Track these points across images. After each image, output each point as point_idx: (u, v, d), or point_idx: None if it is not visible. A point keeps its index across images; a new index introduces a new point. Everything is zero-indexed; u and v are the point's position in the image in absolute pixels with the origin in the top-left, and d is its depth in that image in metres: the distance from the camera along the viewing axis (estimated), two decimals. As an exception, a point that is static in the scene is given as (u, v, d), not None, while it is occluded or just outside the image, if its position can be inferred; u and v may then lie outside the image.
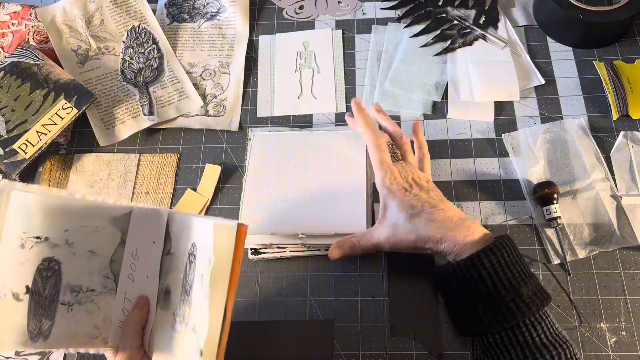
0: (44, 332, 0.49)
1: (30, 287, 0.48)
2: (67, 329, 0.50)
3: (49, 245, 0.49)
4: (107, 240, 0.54)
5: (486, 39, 0.84)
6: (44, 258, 0.49)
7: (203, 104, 0.83)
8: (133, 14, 0.89)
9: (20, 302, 0.47)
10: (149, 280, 0.55)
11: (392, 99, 0.81)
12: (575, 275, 0.68)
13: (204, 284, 0.48)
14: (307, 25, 0.90)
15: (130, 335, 0.53)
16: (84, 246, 0.52)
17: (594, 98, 0.79)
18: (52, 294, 0.49)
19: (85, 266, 0.52)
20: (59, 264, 0.50)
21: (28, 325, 0.48)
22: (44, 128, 0.77)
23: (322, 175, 0.73)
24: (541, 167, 0.74)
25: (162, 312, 0.53)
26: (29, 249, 0.48)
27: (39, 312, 0.48)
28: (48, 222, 0.49)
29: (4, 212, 0.48)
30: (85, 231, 0.52)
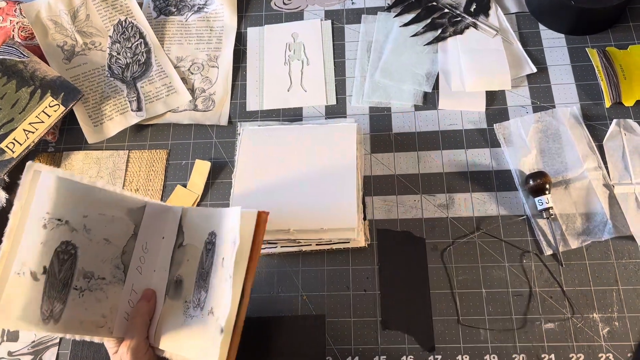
0: (55, 315, 0.49)
1: (47, 268, 0.49)
2: (77, 315, 0.51)
3: (68, 228, 0.51)
4: (121, 230, 0.55)
5: (477, 27, 0.83)
6: (62, 241, 0.50)
7: (192, 98, 0.83)
8: (119, 8, 0.88)
9: (37, 282, 0.48)
10: (157, 273, 0.57)
11: (383, 90, 0.80)
12: (567, 265, 0.68)
13: (225, 266, 0.50)
14: (296, 16, 0.89)
15: (138, 326, 0.54)
16: (100, 234, 0.53)
17: (587, 86, 0.78)
18: (66, 277, 0.51)
19: (99, 253, 0.54)
20: (75, 248, 0.51)
21: (42, 307, 0.49)
22: (31, 126, 0.76)
23: (312, 169, 0.72)
24: (533, 156, 0.73)
25: (171, 302, 0.55)
26: (50, 230, 0.49)
27: (53, 294, 0.49)
28: (70, 206, 0.51)
29: (33, 191, 0.49)
30: (102, 219, 0.53)
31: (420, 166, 0.75)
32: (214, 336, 0.49)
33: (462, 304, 0.67)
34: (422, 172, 0.75)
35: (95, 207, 0.53)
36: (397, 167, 0.76)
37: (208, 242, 0.54)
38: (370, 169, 0.76)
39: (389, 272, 0.70)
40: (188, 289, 0.54)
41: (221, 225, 0.54)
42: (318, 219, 0.68)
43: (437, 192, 0.73)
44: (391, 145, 0.77)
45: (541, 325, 0.65)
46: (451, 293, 0.68)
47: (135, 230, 0.57)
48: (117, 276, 0.55)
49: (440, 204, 0.73)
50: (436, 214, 0.72)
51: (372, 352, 0.66)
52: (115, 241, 0.55)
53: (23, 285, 0.48)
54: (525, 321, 0.66)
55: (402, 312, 0.67)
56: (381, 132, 0.78)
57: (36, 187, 0.50)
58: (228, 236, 0.52)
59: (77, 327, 0.51)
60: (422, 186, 0.74)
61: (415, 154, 0.76)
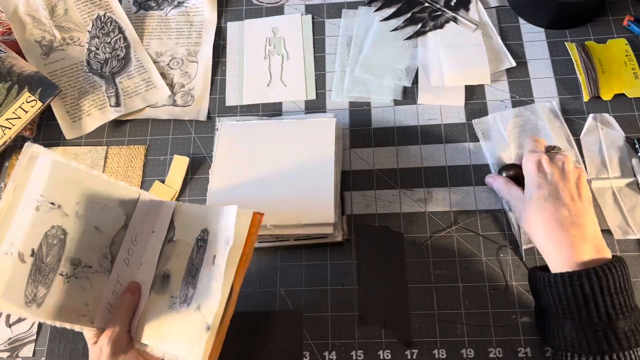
0: (38, 299, 0.49)
1: (35, 251, 0.49)
2: (60, 301, 0.51)
3: (60, 213, 0.50)
4: (112, 220, 0.55)
5: (457, 21, 0.83)
6: (53, 225, 0.50)
7: (171, 93, 0.82)
8: (98, 2, 0.87)
9: (23, 264, 0.48)
10: (143, 267, 0.57)
11: (363, 85, 0.80)
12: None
13: (217, 264, 0.51)
14: (276, 11, 0.88)
15: (121, 318, 0.53)
16: (91, 222, 0.53)
17: (566, 80, 0.78)
18: (53, 262, 0.50)
19: (88, 241, 0.53)
20: (65, 233, 0.51)
21: (26, 289, 0.48)
22: (8, 122, 0.76)
23: (290, 164, 0.71)
24: (511, 151, 0.73)
25: (156, 296, 0.55)
26: (42, 212, 0.49)
27: (38, 278, 0.49)
28: (64, 191, 0.51)
29: (29, 172, 0.49)
30: (95, 207, 0.53)
31: (399, 161, 0.75)
32: (199, 333, 0.49)
33: (440, 298, 0.67)
34: (401, 167, 0.75)
35: (88, 194, 0.53)
36: (376, 162, 0.75)
37: (200, 238, 0.54)
38: (349, 163, 0.76)
39: (367, 267, 0.70)
40: (175, 284, 0.54)
41: (214, 222, 0.54)
42: (296, 214, 0.68)
43: (415, 187, 0.73)
44: (370, 140, 0.77)
45: (517, 319, 0.65)
46: (429, 287, 0.68)
47: (126, 222, 0.57)
48: (103, 266, 0.55)
49: (419, 199, 0.73)
50: (414, 208, 0.72)
51: (350, 346, 0.66)
52: (106, 230, 0.55)
53: (9, 265, 0.47)
54: (502, 315, 0.66)
55: (380, 306, 0.67)
56: (361, 127, 0.78)
57: (32, 168, 0.49)
58: (221, 234, 0.52)
59: (58, 314, 0.51)
60: (400, 181, 0.74)
61: (394, 148, 0.76)
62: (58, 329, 0.69)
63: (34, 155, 0.50)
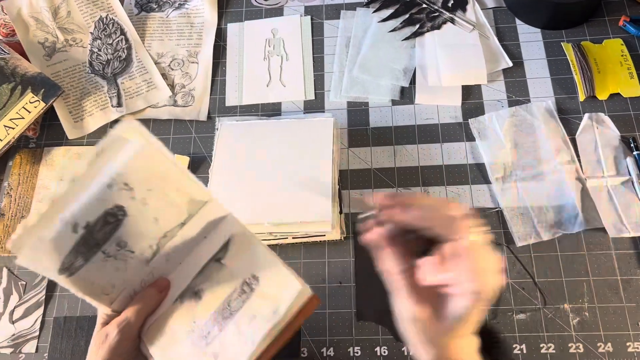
0: (72, 269, 0.48)
1: (89, 224, 0.47)
2: (91, 276, 0.49)
3: (129, 195, 0.48)
4: (174, 216, 0.53)
5: (454, 22, 0.84)
6: (117, 204, 0.48)
7: (171, 94, 0.83)
8: (100, 4, 0.88)
9: (73, 234, 0.46)
10: (181, 269, 0.55)
11: (361, 85, 0.81)
12: (539, 257, 0.69)
13: (254, 328, 0.48)
14: (276, 12, 0.89)
15: (138, 310, 0.51)
16: (153, 211, 0.51)
17: (562, 80, 0.79)
18: (102, 239, 0.49)
19: (143, 229, 0.51)
20: (125, 215, 0.49)
21: (65, 257, 0.47)
22: (11, 122, 0.77)
23: (289, 163, 0.73)
24: (507, 150, 0.74)
25: (180, 308, 0.53)
26: (113, 190, 0.47)
27: (81, 249, 0.47)
28: (142, 175, 0.49)
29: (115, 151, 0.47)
30: (163, 199, 0.51)
31: (396, 160, 0.76)
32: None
33: (436, 295, 0.68)
34: (398, 166, 0.76)
35: (162, 186, 0.50)
36: (373, 161, 0.76)
37: (247, 283, 0.51)
38: (347, 163, 0.77)
39: (364, 265, 0.71)
40: (203, 311, 0.52)
41: (269, 278, 0.51)
42: (294, 213, 0.69)
43: (412, 186, 0.74)
44: (368, 139, 0.78)
45: (513, 315, 0.66)
46: (425, 285, 0.69)
47: (185, 221, 0.54)
48: (145, 255, 0.53)
49: (416, 197, 0.73)
50: (411, 207, 0.73)
51: (347, 343, 0.67)
52: (163, 223, 0.52)
53: (61, 232, 0.46)
54: (498, 312, 0.67)
55: (377, 303, 0.68)
56: (358, 127, 0.79)
57: (120, 148, 0.47)
58: (271, 299, 0.50)
59: (85, 287, 0.49)
60: (397, 180, 0.75)
61: (391, 148, 0.77)
62: (61, 326, 0.70)
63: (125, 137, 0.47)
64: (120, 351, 0.50)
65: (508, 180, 0.72)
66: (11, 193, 0.79)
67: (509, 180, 0.72)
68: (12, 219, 0.77)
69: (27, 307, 0.72)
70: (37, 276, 0.73)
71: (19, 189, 0.79)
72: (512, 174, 0.73)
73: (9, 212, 0.77)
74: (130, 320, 0.51)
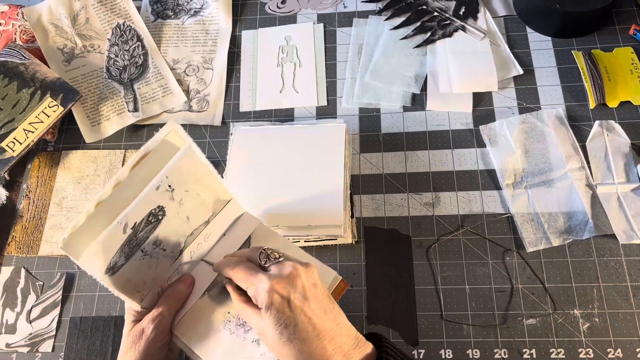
0: (115, 268, 0.49)
1: (136, 225, 0.49)
2: (129, 274, 0.51)
3: (170, 196, 0.51)
4: (202, 215, 0.55)
5: (466, 30, 0.85)
6: (159, 205, 0.50)
7: (186, 99, 0.85)
8: (118, 11, 0.90)
9: (123, 235, 0.48)
10: (205, 266, 0.57)
11: (373, 91, 0.82)
12: (549, 262, 0.69)
13: None
14: (289, 20, 0.91)
15: (170, 306, 0.53)
16: (187, 211, 0.53)
17: (572, 87, 0.80)
18: (143, 238, 0.51)
19: (176, 227, 0.53)
20: (164, 215, 0.51)
21: (112, 257, 0.48)
22: (31, 126, 0.79)
23: (301, 168, 0.74)
24: (517, 157, 0.75)
25: (210, 302, 0.55)
26: (159, 192, 0.49)
27: (125, 249, 0.49)
28: (182, 177, 0.51)
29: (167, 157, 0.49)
30: (196, 199, 0.53)
31: (407, 165, 0.77)
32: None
33: (446, 299, 0.69)
34: (410, 172, 0.77)
35: (197, 187, 0.53)
36: (385, 167, 0.77)
37: None
38: (358, 168, 0.78)
39: (375, 269, 0.71)
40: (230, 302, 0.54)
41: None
42: (306, 217, 0.70)
43: (423, 191, 0.75)
44: (379, 145, 0.79)
45: (523, 320, 0.67)
46: (435, 289, 0.69)
47: (209, 219, 0.57)
48: (174, 252, 0.55)
49: (427, 202, 0.74)
50: (422, 212, 0.74)
51: (358, 346, 0.67)
52: (193, 222, 0.55)
53: (115, 234, 0.47)
54: (508, 317, 0.67)
55: (387, 307, 0.69)
56: (370, 133, 0.80)
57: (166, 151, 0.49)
58: None
59: (122, 285, 0.51)
60: (409, 185, 0.76)
61: (402, 153, 0.78)
62: (77, 326, 0.72)
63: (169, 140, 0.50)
64: (156, 345, 0.52)
65: (519, 187, 0.73)
66: (30, 195, 0.80)
67: (520, 187, 0.73)
68: (31, 220, 0.79)
69: (44, 307, 0.73)
70: (53, 277, 0.75)
71: (38, 191, 0.81)
72: (523, 180, 0.73)
73: (27, 213, 0.79)
74: (164, 314, 0.52)
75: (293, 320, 0.45)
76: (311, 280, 0.48)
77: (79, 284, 0.75)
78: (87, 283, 0.75)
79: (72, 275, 0.75)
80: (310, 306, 0.46)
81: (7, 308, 0.74)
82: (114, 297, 0.73)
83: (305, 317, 0.46)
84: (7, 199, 0.81)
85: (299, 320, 0.45)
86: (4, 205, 0.80)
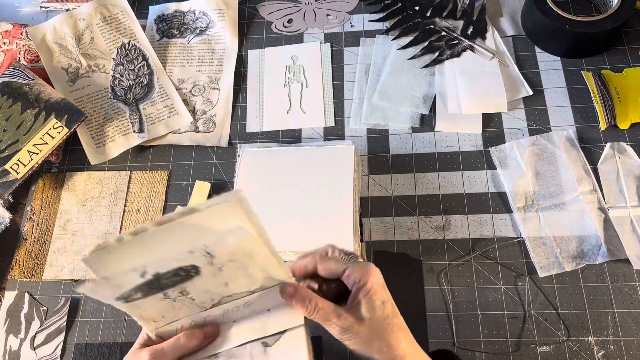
0: (129, 299, 0.47)
1: (158, 274, 0.45)
2: (145, 306, 0.49)
3: (207, 261, 0.46)
4: (245, 284, 0.50)
5: (474, 50, 0.84)
6: (192, 264, 0.46)
7: (193, 120, 0.84)
8: (123, 30, 0.90)
9: (141, 279, 0.45)
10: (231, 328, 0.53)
11: (380, 112, 0.82)
12: (562, 288, 0.68)
13: None
14: (296, 39, 0.90)
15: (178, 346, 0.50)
16: (227, 277, 0.49)
17: (582, 108, 0.79)
18: (166, 285, 0.47)
19: (210, 287, 0.50)
20: (197, 274, 0.47)
21: (126, 291, 0.46)
22: (35, 148, 0.78)
23: (310, 191, 0.73)
24: (528, 179, 0.74)
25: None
26: (192, 255, 0.44)
27: (144, 289, 0.46)
28: (228, 251, 0.45)
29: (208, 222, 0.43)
30: (241, 270, 0.48)
31: (417, 188, 0.76)
32: None
33: (458, 326, 0.68)
34: (419, 194, 0.76)
35: (245, 262, 0.47)
36: (394, 189, 0.77)
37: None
38: (367, 190, 0.77)
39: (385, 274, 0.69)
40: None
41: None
42: (315, 241, 0.69)
43: (433, 214, 0.74)
44: (388, 166, 0.78)
45: (536, 348, 0.66)
46: (447, 315, 0.68)
47: (255, 290, 0.52)
48: (204, 304, 0.51)
49: (437, 226, 0.73)
50: (432, 235, 0.73)
51: None
52: (232, 287, 0.50)
53: (129, 277, 0.44)
54: (521, 344, 0.66)
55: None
56: (379, 154, 0.79)
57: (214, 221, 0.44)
58: None
59: (135, 312, 0.49)
60: (418, 208, 0.75)
61: (412, 175, 0.77)
62: (82, 353, 0.71)
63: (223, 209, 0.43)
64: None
65: (530, 210, 0.72)
66: (34, 217, 0.79)
67: (531, 210, 0.72)
68: (35, 243, 0.77)
69: (48, 333, 0.72)
70: (58, 302, 0.74)
71: (42, 213, 0.80)
72: (534, 203, 0.72)
73: (31, 236, 0.78)
74: (165, 352, 0.50)
75: (390, 299, 0.51)
76: (382, 279, 0.52)
77: (83, 309, 0.74)
78: (92, 308, 0.73)
79: (77, 300, 0.74)
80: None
81: (10, 334, 0.73)
82: (119, 324, 0.72)
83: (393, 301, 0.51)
84: (11, 221, 0.80)
85: (392, 301, 0.51)
86: (7, 228, 0.79)
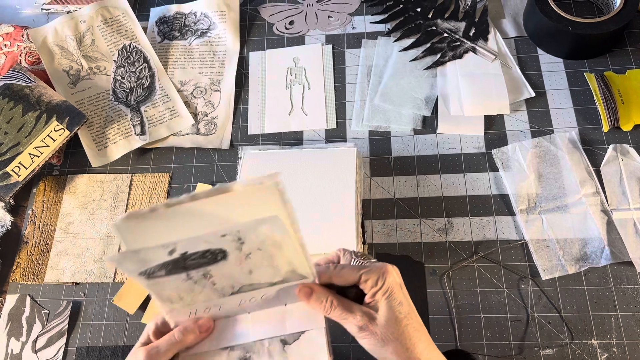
0: (152, 276, 0.46)
1: (186, 254, 0.45)
2: (166, 285, 0.48)
3: (237, 246, 0.45)
4: (269, 275, 0.50)
5: (476, 51, 0.84)
6: (221, 248, 0.45)
7: (194, 122, 0.84)
8: (124, 32, 0.89)
9: (168, 256, 0.44)
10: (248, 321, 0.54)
11: (382, 114, 0.81)
12: (565, 291, 0.68)
13: None
14: (298, 41, 0.90)
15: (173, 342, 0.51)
16: (252, 265, 0.48)
17: (585, 110, 0.79)
18: (191, 266, 0.47)
19: (233, 273, 0.49)
20: (224, 259, 0.46)
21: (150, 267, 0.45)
22: (36, 150, 0.78)
23: (311, 193, 0.73)
24: (531, 181, 0.74)
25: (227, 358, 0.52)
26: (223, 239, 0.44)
27: (168, 266, 0.46)
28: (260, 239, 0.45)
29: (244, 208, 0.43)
30: (267, 259, 0.48)
31: (419, 190, 0.76)
32: None
33: (461, 329, 0.67)
34: (421, 196, 0.76)
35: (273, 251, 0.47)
36: (396, 191, 0.76)
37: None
38: (369, 192, 0.77)
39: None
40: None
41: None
42: (317, 243, 0.69)
43: (435, 216, 0.74)
44: (390, 169, 0.78)
45: (539, 351, 0.65)
46: (450, 318, 0.68)
47: (277, 283, 0.51)
48: (224, 290, 0.51)
49: (439, 228, 0.73)
50: (435, 238, 0.73)
51: None
52: (255, 277, 0.50)
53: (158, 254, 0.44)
54: (524, 347, 0.66)
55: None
56: (380, 156, 0.79)
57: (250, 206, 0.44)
58: None
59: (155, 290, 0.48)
60: (421, 210, 0.75)
61: (414, 177, 0.77)
62: (83, 356, 0.70)
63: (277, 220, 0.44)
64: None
65: (532, 212, 0.72)
66: (35, 220, 0.79)
67: (534, 212, 0.72)
68: (36, 246, 0.77)
69: (50, 337, 0.72)
70: (59, 305, 0.74)
71: (43, 216, 0.79)
72: (537, 205, 0.72)
73: (32, 239, 0.78)
74: (160, 349, 0.50)
75: (407, 300, 0.49)
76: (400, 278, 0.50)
77: (85, 312, 0.73)
78: (94, 311, 0.73)
79: (79, 304, 0.74)
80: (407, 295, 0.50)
81: (12, 337, 0.73)
82: (121, 327, 0.72)
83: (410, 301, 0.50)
84: (12, 224, 0.79)
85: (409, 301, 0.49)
86: (8, 231, 0.79)
